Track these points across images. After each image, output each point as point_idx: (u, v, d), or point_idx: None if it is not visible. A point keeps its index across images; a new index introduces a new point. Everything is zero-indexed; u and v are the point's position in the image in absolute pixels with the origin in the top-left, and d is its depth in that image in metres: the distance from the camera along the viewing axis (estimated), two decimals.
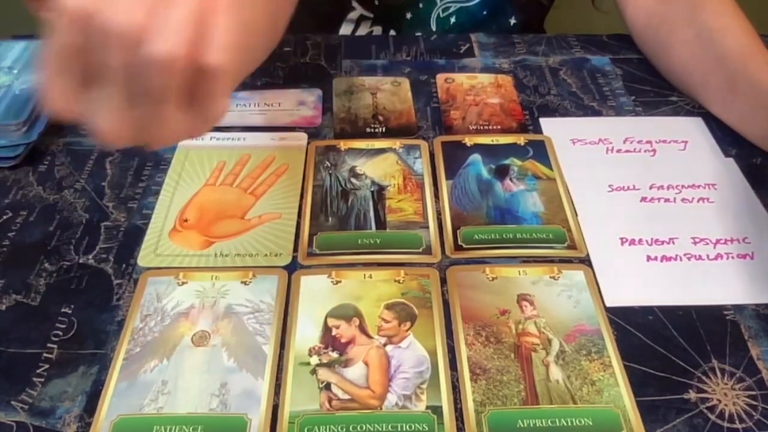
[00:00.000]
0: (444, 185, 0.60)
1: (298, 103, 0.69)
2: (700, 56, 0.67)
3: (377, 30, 0.86)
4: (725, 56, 0.64)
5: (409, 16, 0.85)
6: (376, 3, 0.84)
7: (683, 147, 0.64)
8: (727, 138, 0.65)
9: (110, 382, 0.45)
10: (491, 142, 0.64)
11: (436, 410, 0.44)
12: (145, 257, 0.54)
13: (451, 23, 0.85)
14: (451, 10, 0.84)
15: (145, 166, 0.62)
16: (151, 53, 0.32)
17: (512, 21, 0.86)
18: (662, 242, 0.55)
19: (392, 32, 0.85)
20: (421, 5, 0.84)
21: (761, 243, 0.55)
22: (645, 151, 0.64)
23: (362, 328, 0.49)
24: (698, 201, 0.59)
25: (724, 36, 0.65)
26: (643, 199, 0.59)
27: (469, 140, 0.64)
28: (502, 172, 0.61)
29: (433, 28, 0.85)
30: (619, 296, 0.51)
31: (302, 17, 0.95)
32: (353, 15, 0.87)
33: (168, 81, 0.33)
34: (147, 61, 0.32)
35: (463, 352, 0.47)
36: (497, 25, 0.86)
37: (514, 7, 0.85)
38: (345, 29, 0.87)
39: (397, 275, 0.52)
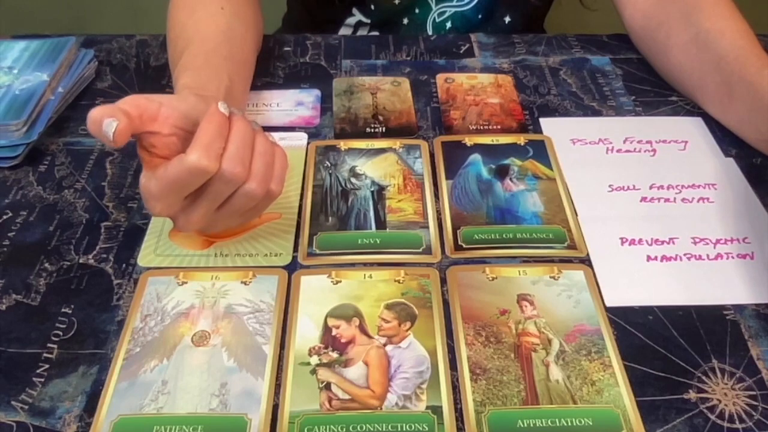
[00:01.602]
0: (444, 185, 0.60)
1: (296, 104, 0.69)
2: (696, 59, 0.67)
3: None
4: (722, 59, 0.64)
5: (405, 21, 0.85)
6: (372, 8, 0.84)
7: (683, 147, 0.64)
8: (727, 138, 0.65)
9: (110, 382, 0.45)
10: (491, 142, 0.64)
11: (436, 410, 0.44)
12: (145, 257, 0.54)
13: (447, 28, 0.85)
14: (447, 14, 0.84)
15: None
16: (246, 190, 0.48)
17: (507, 19, 0.86)
18: (662, 242, 0.55)
19: None
20: (417, 10, 0.84)
21: (761, 243, 0.55)
22: (645, 151, 0.64)
23: (362, 328, 0.49)
24: (698, 201, 0.59)
25: (721, 38, 0.65)
26: (643, 199, 0.59)
27: (469, 140, 0.64)
28: (502, 172, 0.61)
29: (430, 32, 0.85)
30: (619, 296, 0.51)
31: (302, 19, 0.96)
32: (351, 20, 0.87)
33: (248, 203, 0.50)
34: (242, 194, 0.49)
35: (463, 352, 0.47)
36: (492, 27, 0.86)
37: (505, 8, 0.85)
38: (343, 33, 0.87)
39: (397, 275, 0.52)
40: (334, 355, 0.47)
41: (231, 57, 0.62)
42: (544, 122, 0.67)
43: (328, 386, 0.45)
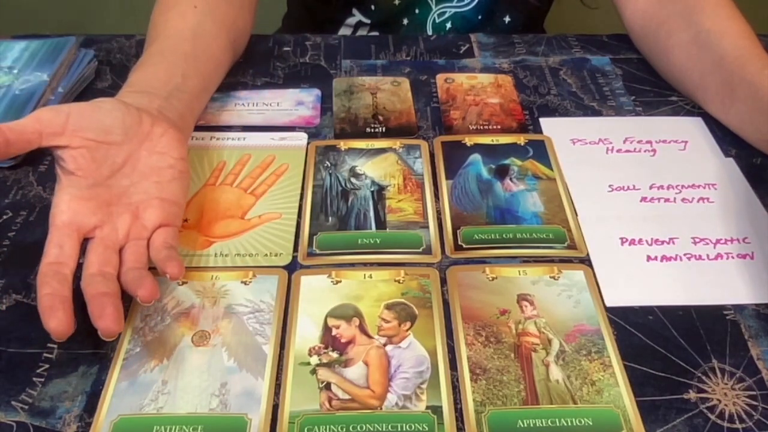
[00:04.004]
0: (444, 185, 0.60)
1: (297, 103, 0.69)
2: (697, 59, 0.66)
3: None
4: (723, 59, 0.64)
5: (405, 21, 0.85)
6: (372, 8, 0.84)
7: (683, 147, 0.64)
8: (727, 138, 0.65)
9: (110, 382, 0.45)
10: (491, 142, 0.64)
11: (436, 410, 0.44)
12: None
13: (447, 28, 0.85)
14: (447, 15, 0.84)
15: None
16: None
17: (506, 19, 0.86)
18: (662, 242, 0.55)
19: None
20: (417, 11, 0.84)
21: (761, 243, 0.55)
22: (645, 151, 0.64)
23: (362, 328, 0.49)
24: (698, 201, 0.59)
25: (721, 38, 0.65)
26: (643, 199, 0.59)
27: (469, 140, 0.64)
28: (502, 172, 0.61)
29: (430, 33, 0.85)
30: (619, 296, 0.51)
31: (302, 19, 0.96)
32: (351, 21, 0.87)
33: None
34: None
35: (463, 352, 0.47)
36: (492, 27, 0.86)
37: (505, 9, 0.85)
38: (343, 33, 0.87)
39: (397, 275, 0.52)
40: (334, 355, 0.47)
41: (193, 54, 0.61)
42: (544, 122, 0.67)
43: (328, 386, 0.45)
